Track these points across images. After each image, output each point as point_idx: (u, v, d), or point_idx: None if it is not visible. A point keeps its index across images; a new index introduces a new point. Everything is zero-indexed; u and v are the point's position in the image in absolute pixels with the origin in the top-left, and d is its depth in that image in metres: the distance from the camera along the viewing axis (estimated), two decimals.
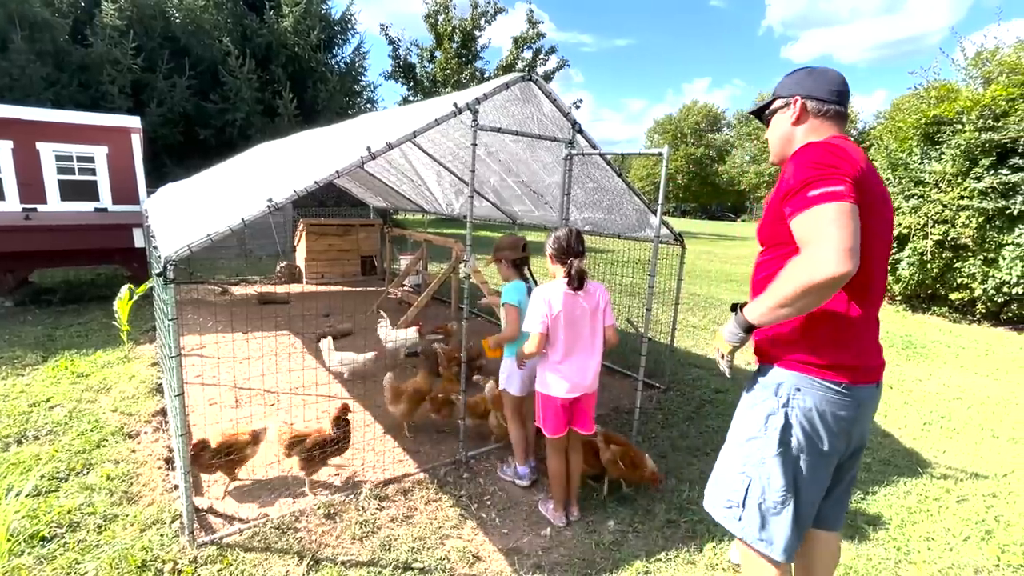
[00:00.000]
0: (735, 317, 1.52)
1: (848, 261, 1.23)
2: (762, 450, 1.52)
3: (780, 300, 1.34)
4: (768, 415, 1.51)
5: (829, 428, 1.48)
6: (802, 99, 1.57)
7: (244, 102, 13.84)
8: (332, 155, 2.92)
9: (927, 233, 8.18)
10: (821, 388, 1.46)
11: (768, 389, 1.53)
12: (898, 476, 3.30)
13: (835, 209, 1.27)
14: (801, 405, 1.47)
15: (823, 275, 1.24)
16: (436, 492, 2.90)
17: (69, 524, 2.47)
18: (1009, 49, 8.30)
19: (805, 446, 1.49)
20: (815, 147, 1.40)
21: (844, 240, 1.24)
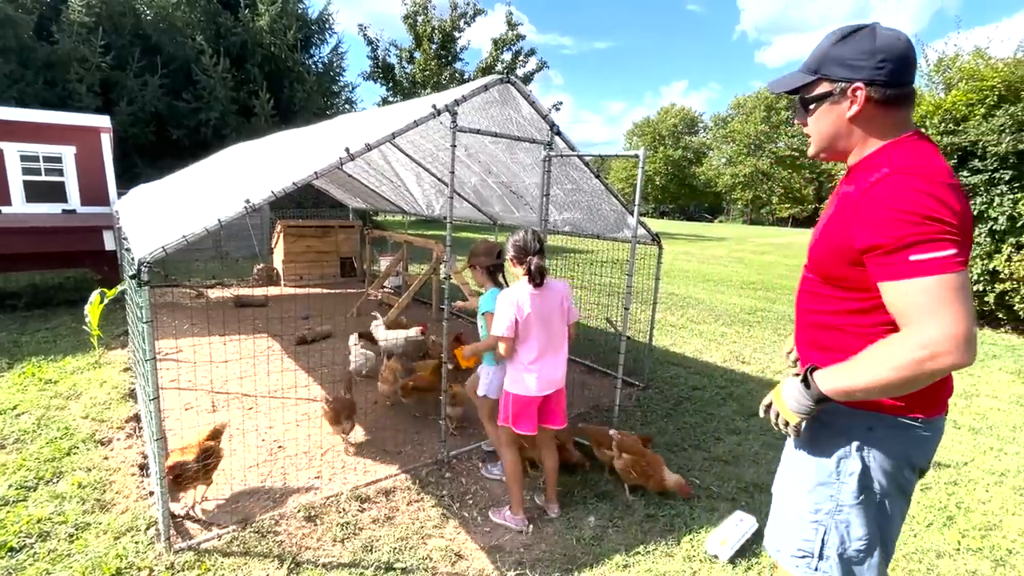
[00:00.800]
0: (804, 386, 1.25)
1: (969, 349, 1.03)
2: (837, 498, 1.33)
3: (874, 384, 1.12)
4: (840, 459, 1.32)
5: (911, 467, 1.33)
6: (865, 87, 1.19)
7: (219, 101, 13.57)
8: (310, 156, 2.91)
9: None
10: (897, 426, 1.28)
11: (834, 429, 1.33)
12: None
13: (947, 283, 1.04)
14: (878, 446, 1.29)
15: (939, 366, 1.04)
16: (418, 492, 2.91)
17: (39, 534, 2.40)
18: (968, 57, 8.66)
19: (888, 490, 1.31)
20: (912, 187, 1.09)
21: (962, 324, 1.03)
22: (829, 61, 1.24)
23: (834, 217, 1.25)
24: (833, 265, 1.27)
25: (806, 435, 1.34)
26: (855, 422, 1.30)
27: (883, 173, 1.14)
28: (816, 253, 1.34)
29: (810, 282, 1.40)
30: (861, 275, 1.20)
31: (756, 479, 3.21)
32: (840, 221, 1.22)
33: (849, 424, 1.30)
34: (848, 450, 1.31)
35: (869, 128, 1.24)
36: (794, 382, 1.29)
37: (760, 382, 5.01)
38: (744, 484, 3.15)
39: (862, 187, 1.17)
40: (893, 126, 1.23)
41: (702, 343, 6.41)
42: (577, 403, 4.28)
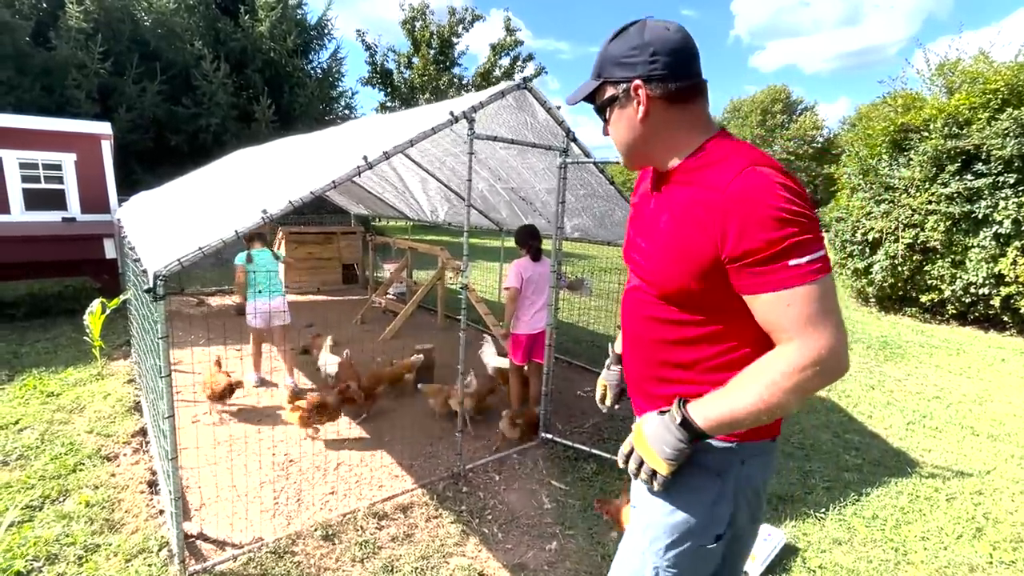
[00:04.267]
0: (673, 423, 1.04)
1: (848, 358, 0.97)
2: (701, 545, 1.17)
3: (762, 407, 0.97)
4: (713, 504, 1.15)
5: (765, 489, 1.23)
6: (644, 84, 1.08)
7: (219, 107, 13.49)
8: (326, 164, 2.84)
9: (898, 237, 8.47)
10: (760, 452, 1.17)
11: (705, 470, 1.14)
12: (889, 476, 3.37)
13: (826, 289, 0.95)
14: (747, 480, 1.16)
15: (828, 380, 0.96)
16: (436, 508, 2.83)
17: (47, 557, 2.32)
18: (970, 60, 8.69)
19: (748, 525, 1.22)
20: (770, 182, 0.96)
21: (842, 331, 0.97)
22: (607, 62, 1.13)
23: (680, 224, 1.07)
24: (681, 280, 1.08)
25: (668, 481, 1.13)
26: (727, 455, 1.13)
27: (740, 166, 0.99)
28: (656, 267, 1.13)
29: (648, 305, 1.18)
30: (712, 290, 1.04)
31: (779, 490, 3.14)
32: (691, 227, 1.04)
33: (722, 458, 1.14)
34: (721, 490, 1.14)
35: (672, 128, 1.12)
36: (661, 421, 1.06)
37: None
38: (767, 496, 3.08)
39: (719, 186, 1.00)
40: (700, 123, 1.13)
41: None
42: (591, 411, 4.22)
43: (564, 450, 3.52)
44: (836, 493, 3.15)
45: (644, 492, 1.22)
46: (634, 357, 1.26)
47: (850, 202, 9.63)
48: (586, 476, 3.23)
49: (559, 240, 3.55)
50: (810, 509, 2.96)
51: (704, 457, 1.13)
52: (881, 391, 5.06)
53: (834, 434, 3.98)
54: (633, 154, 1.20)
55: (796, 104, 61.95)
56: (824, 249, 0.97)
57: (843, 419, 4.30)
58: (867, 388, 5.11)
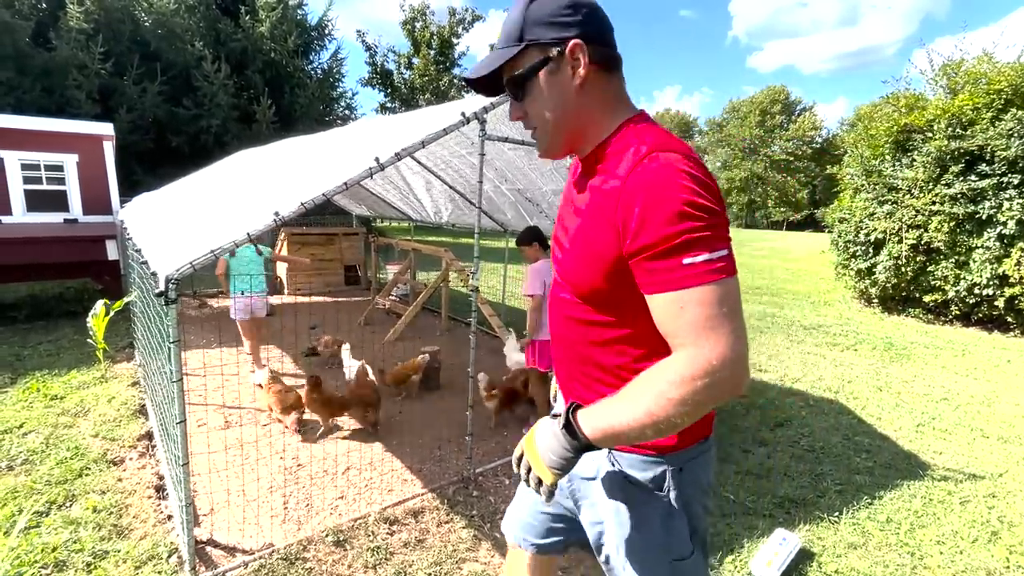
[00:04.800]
0: (565, 431, 0.96)
1: (747, 370, 0.87)
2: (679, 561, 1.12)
3: (647, 421, 0.87)
4: (664, 519, 1.09)
5: (711, 488, 1.19)
6: (584, 43, 0.96)
7: (219, 108, 13.45)
8: (335, 165, 2.82)
9: (902, 237, 8.46)
10: (697, 454, 1.11)
11: (642, 489, 1.09)
12: (901, 479, 3.34)
13: (726, 292, 0.85)
14: (694, 484, 1.11)
15: (723, 393, 0.85)
16: (447, 513, 2.80)
17: (55, 563, 2.28)
18: (973, 60, 8.69)
19: (703, 523, 1.17)
20: (675, 170, 0.87)
21: (743, 340, 0.86)
22: (532, 24, 0.97)
23: (588, 217, 1.00)
24: (592, 278, 1.00)
25: (609, 503, 1.09)
26: (664, 467, 1.07)
27: (642, 152, 0.90)
28: (571, 264, 1.05)
29: (568, 305, 1.11)
30: (621, 289, 0.96)
31: (791, 493, 3.12)
32: (598, 220, 0.96)
33: (660, 472, 1.07)
34: (669, 505, 1.08)
35: (600, 101, 1.01)
36: (550, 427, 0.99)
37: (779, 390, 4.94)
38: (779, 499, 3.06)
39: (620, 173, 0.92)
40: (622, 100, 1.04)
41: None
42: None
43: None
44: (849, 496, 3.12)
45: (608, 521, 1.15)
46: (561, 358, 1.19)
47: (853, 203, 9.63)
48: None
49: None
50: (823, 513, 2.93)
51: (639, 474, 1.07)
52: (889, 393, 5.04)
53: (844, 436, 3.96)
54: (563, 133, 1.04)
55: (795, 104, 62.12)
56: (728, 248, 0.87)
57: (852, 421, 4.28)
58: (875, 390, 5.10)
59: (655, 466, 1.07)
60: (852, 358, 6.24)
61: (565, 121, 1.03)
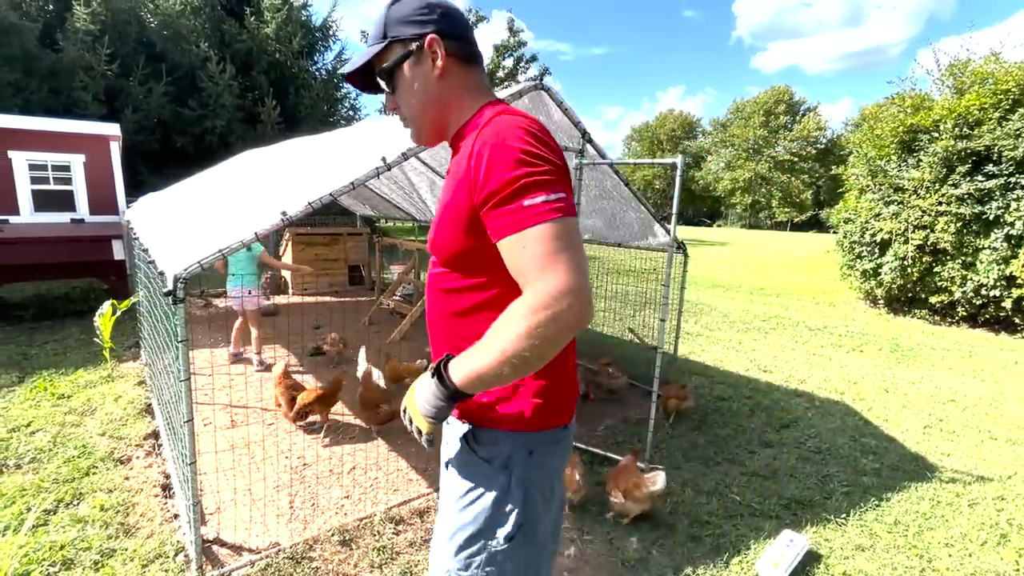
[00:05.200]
0: (437, 380, 1.00)
1: (590, 302, 0.91)
2: (491, 544, 1.11)
3: (504, 360, 0.91)
4: (498, 499, 1.09)
5: (559, 481, 1.20)
6: (440, 38, 1.08)
7: (224, 109, 13.50)
8: (342, 165, 2.82)
9: (908, 238, 8.42)
10: (551, 440, 1.13)
11: (489, 465, 1.10)
12: (908, 481, 3.32)
13: (563, 229, 0.90)
14: (537, 470, 1.11)
15: (566, 323, 0.88)
16: None
17: (63, 561, 2.29)
18: (980, 60, 8.64)
19: (541, 515, 1.15)
20: (514, 126, 0.97)
21: (582, 272, 0.90)
22: (393, 23, 1.11)
23: (448, 187, 1.08)
24: (452, 238, 1.06)
25: (455, 475, 1.14)
26: (514, 447, 1.10)
27: (487, 118, 1.03)
28: (436, 233, 1.12)
29: (438, 278, 1.16)
30: (481, 246, 1.01)
31: (798, 495, 3.11)
32: (455, 185, 1.04)
33: (508, 452, 1.10)
34: (507, 485, 1.10)
35: (460, 90, 1.13)
36: (425, 378, 1.05)
37: (785, 391, 4.92)
38: (786, 501, 3.05)
39: (471, 140, 1.02)
40: (482, 90, 1.16)
41: (721, 351, 6.31)
42: (604, 415, 4.18)
43: (580, 454, 3.49)
44: (856, 498, 3.11)
45: (444, 486, 1.20)
46: (434, 334, 1.21)
47: (858, 203, 9.59)
48: (603, 480, 3.19)
49: None
50: (830, 514, 2.92)
51: (489, 449, 1.10)
52: (895, 394, 5.01)
53: (851, 438, 3.94)
54: (429, 120, 1.16)
55: (799, 105, 61.92)
56: (566, 192, 0.94)
57: (859, 422, 4.26)
58: (881, 391, 5.07)
59: (507, 443, 1.10)
60: (858, 359, 6.21)
61: (429, 108, 1.14)
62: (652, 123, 69.40)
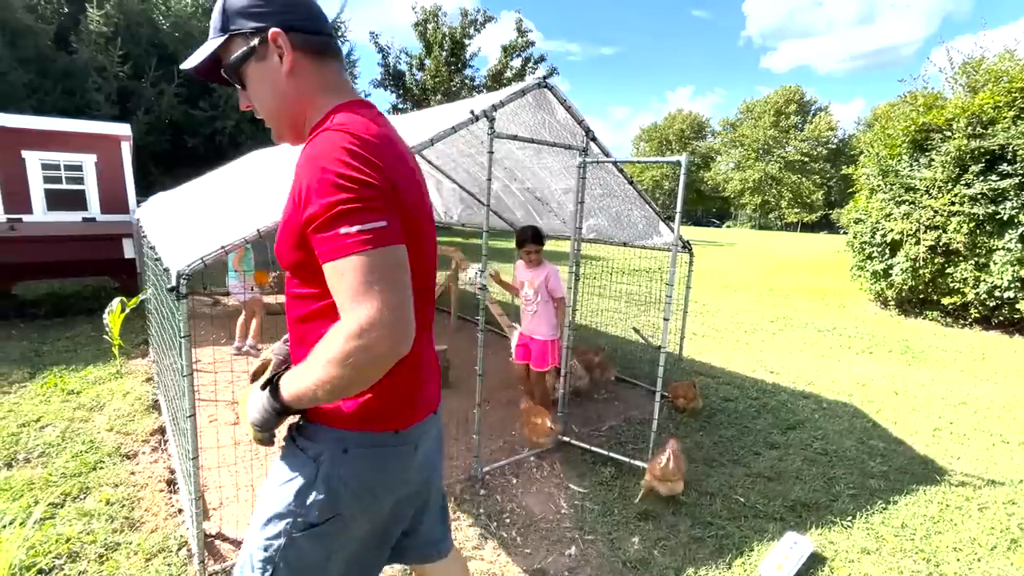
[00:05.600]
0: (265, 393, 1.03)
1: (403, 334, 0.91)
2: (291, 531, 1.10)
3: (318, 384, 0.93)
4: (303, 487, 1.09)
5: (387, 488, 1.15)
6: (284, 32, 1.02)
7: (234, 110, 13.63)
8: None
9: (919, 239, 8.30)
10: (371, 444, 1.12)
11: (304, 455, 1.11)
12: (917, 484, 3.27)
13: (378, 259, 0.90)
14: (354, 475, 1.10)
15: (379, 354, 0.90)
16: (453, 511, 2.80)
17: (68, 554, 2.32)
18: (994, 59, 8.50)
19: (357, 516, 1.14)
20: (334, 145, 0.93)
21: (394, 303, 0.90)
22: (234, 15, 1.03)
23: (288, 196, 1.04)
24: (288, 249, 1.05)
25: (277, 460, 1.16)
26: (329, 442, 1.10)
27: (324, 128, 0.98)
28: (276, 242, 1.10)
29: (287, 281, 1.14)
30: (312, 259, 0.97)
31: (803, 497, 3.07)
32: (290, 194, 1.01)
33: (320, 445, 1.10)
34: (314, 476, 1.09)
35: (314, 86, 1.07)
36: (257, 388, 1.08)
37: (792, 393, 4.87)
38: (791, 502, 3.02)
39: (303, 157, 0.99)
40: (339, 86, 1.10)
41: (728, 352, 6.26)
42: (606, 415, 4.17)
43: (582, 453, 3.48)
44: (862, 501, 3.07)
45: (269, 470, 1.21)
46: (290, 336, 1.22)
47: (869, 203, 9.47)
48: (604, 480, 3.19)
49: (578, 241, 3.51)
50: (836, 517, 2.88)
51: (306, 441, 1.12)
52: (905, 396, 4.94)
53: (858, 440, 3.89)
54: (285, 120, 1.11)
55: (810, 105, 61.39)
56: (384, 220, 0.91)
57: (867, 424, 4.20)
58: (891, 393, 5.00)
59: (323, 436, 1.10)
60: (867, 361, 6.14)
61: (282, 107, 1.08)
62: (661, 123, 69.06)
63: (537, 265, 3.65)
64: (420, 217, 1.09)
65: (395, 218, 0.94)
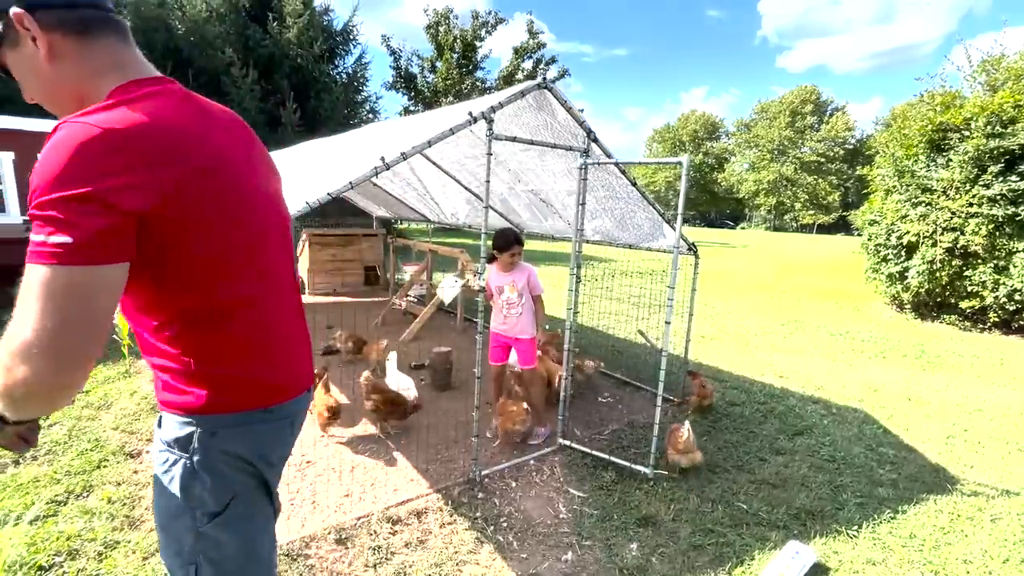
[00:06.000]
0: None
1: (58, 367, 0.82)
2: (195, 524, 1.08)
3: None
4: (188, 483, 1.07)
5: (266, 461, 1.15)
6: (29, 13, 0.90)
7: (247, 112, 13.80)
8: (344, 165, 2.84)
9: (936, 241, 8.11)
10: (237, 423, 1.10)
11: (172, 451, 1.08)
12: (927, 493, 3.18)
13: (59, 277, 0.81)
14: (230, 452, 1.08)
15: (20, 384, 0.82)
16: (450, 514, 2.79)
17: (68, 552, 2.35)
18: (1015, 56, 8.29)
19: (249, 494, 1.13)
20: (71, 139, 0.82)
21: (54, 336, 0.81)
22: None
23: None
24: None
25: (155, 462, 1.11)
26: (192, 431, 1.06)
27: (64, 121, 0.86)
28: None
29: None
30: None
31: (808, 505, 3.00)
32: None
33: (187, 433, 1.06)
34: (194, 468, 1.06)
35: (87, 69, 0.95)
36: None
37: (801, 398, 4.78)
38: (795, 510, 2.95)
39: None
40: (115, 64, 0.97)
41: (736, 356, 6.17)
42: (609, 418, 4.13)
43: (582, 457, 3.44)
44: (870, 510, 2.99)
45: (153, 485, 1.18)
46: None
47: (884, 205, 9.29)
48: (604, 484, 3.15)
49: (579, 243, 3.48)
50: (841, 526, 2.81)
51: (169, 434, 1.08)
52: (918, 402, 4.82)
53: (867, 447, 3.80)
54: (60, 107, 0.99)
55: (826, 105, 60.48)
56: (71, 237, 0.80)
57: (877, 431, 4.10)
58: (903, 399, 4.88)
59: (185, 427, 1.06)
60: (880, 366, 6.00)
61: (53, 95, 0.99)
62: (674, 124, 68.56)
63: (516, 267, 3.63)
64: (235, 202, 1.01)
65: (93, 234, 0.82)
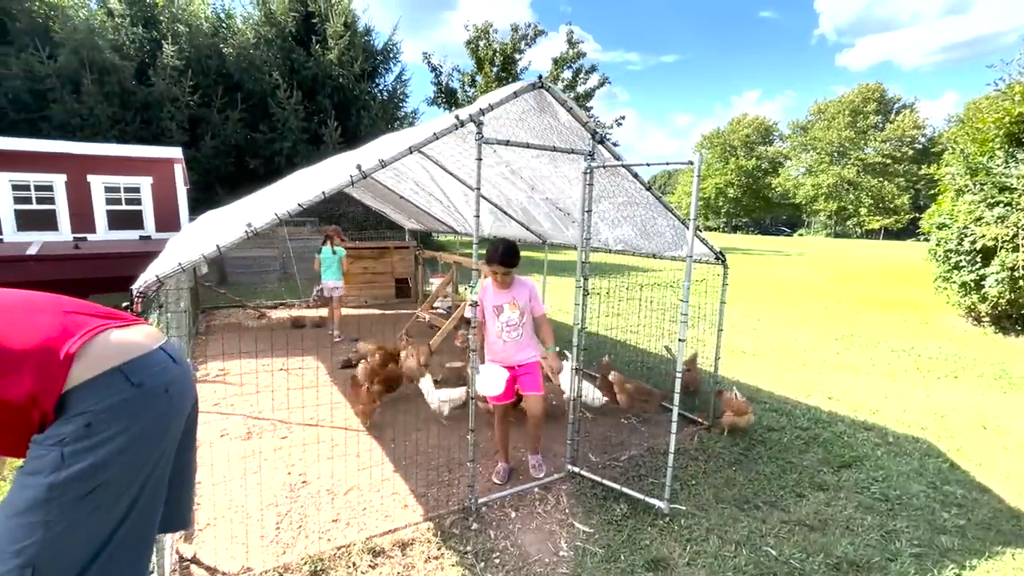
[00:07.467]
0: None
1: None
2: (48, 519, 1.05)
3: None
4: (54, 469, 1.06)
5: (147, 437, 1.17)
6: None
7: (291, 132, 14.39)
8: (326, 177, 2.75)
9: (1018, 245, 7.21)
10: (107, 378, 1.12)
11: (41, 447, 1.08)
12: (1003, 545, 2.68)
13: None
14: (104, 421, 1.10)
15: None
16: (438, 547, 2.58)
17: None
18: None
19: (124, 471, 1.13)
20: None
21: None
22: None
23: None
24: None
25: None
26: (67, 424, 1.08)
27: None
28: None
29: None
30: None
31: (852, 554, 2.58)
32: None
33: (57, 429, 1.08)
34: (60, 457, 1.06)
35: None
36: None
37: (852, 423, 4.26)
38: (836, 560, 2.54)
39: None
40: None
41: (779, 374, 5.65)
42: (629, 443, 3.80)
43: (592, 487, 3.15)
44: (929, 562, 2.54)
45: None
46: None
47: (954, 206, 8.40)
48: (614, 519, 2.85)
49: (586, 252, 3.23)
50: None
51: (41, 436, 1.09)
52: (995, 432, 4.19)
53: (929, 484, 3.28)
54: None
55: (892, 102, 56.71)
56: None
57: (942, 465, 3.56)
58: (977, 428, 4.26)
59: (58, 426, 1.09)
60: (951, 387, 5.32)
61: None
62: (724, 129, 66.36)
63: (512, 283, 3.12)
64: None
65: None
